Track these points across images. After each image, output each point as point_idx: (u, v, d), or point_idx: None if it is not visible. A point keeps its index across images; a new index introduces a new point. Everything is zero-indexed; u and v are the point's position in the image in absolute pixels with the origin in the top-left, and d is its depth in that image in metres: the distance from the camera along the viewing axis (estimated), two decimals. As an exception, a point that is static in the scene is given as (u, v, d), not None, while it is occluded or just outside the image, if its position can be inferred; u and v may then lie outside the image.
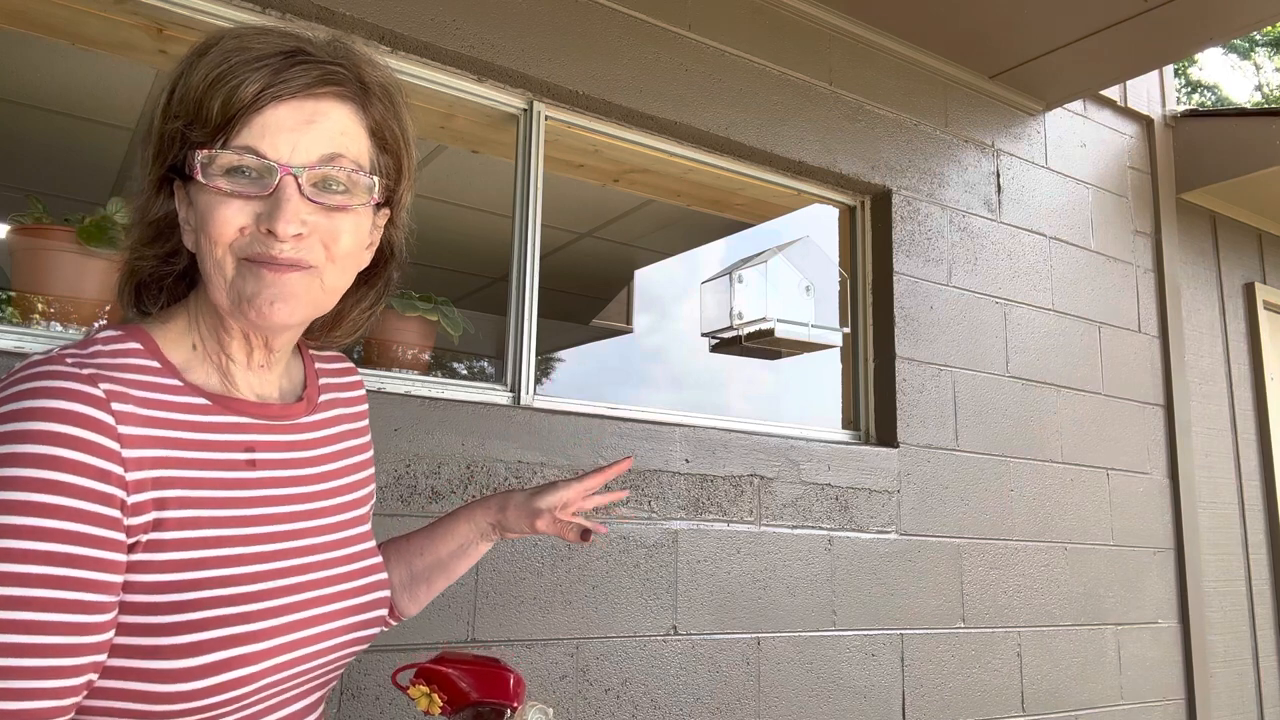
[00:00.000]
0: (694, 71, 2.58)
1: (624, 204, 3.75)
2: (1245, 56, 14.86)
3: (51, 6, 2.04)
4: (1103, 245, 3.54)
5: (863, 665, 2.60)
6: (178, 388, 0.81)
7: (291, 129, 0.79)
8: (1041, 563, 3.07)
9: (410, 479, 1.98)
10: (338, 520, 0.93)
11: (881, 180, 2.94)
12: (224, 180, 0.78)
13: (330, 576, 0.89)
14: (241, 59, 0.79)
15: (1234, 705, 3.62)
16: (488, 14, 2.25)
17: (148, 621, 0.74)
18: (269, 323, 0.81)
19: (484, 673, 1.01)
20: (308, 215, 0.80)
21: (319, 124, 0.81)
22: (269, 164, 0.78)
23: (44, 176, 3.73)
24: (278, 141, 0.79)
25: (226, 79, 0.78)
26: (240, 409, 0.86)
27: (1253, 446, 3.98)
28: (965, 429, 2.96)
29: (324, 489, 0.92)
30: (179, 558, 0.76)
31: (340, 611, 0.89)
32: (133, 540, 0.74)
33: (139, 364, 0.79)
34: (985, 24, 2.97)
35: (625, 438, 2.29)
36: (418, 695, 1.01)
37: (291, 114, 0.79)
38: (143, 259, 0.87)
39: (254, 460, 0.85)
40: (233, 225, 0.79)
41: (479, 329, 2.61)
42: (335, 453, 0.96)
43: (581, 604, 2.17)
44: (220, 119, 0.78)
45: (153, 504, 0.75)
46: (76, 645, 0.70)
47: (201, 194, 0.80)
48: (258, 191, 0.79)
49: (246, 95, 0.77)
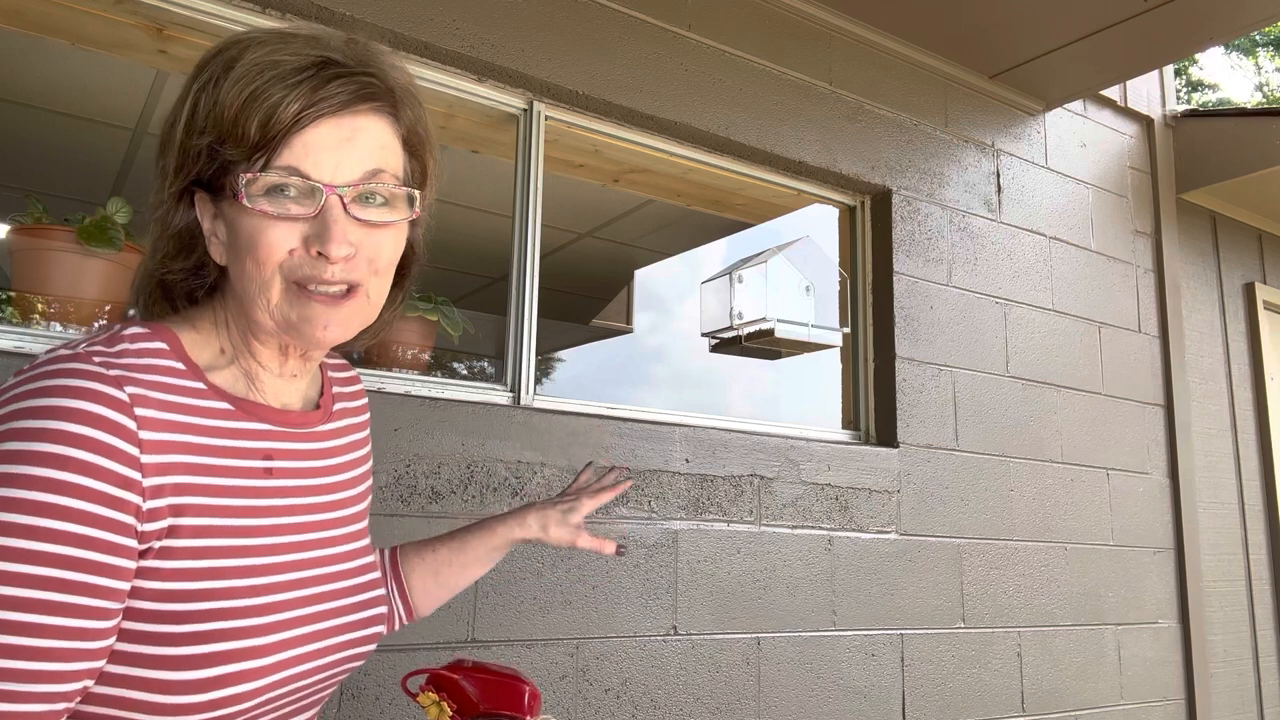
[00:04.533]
0: (694, 71, 2.58)
1: (624, 204, 3.75)
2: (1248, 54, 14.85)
3: (51, 6, 2.04)
4: (1103, 245, 3.54)
5: (863, 665, 2.60)
6: (202, 391, 0.80)
7: (334, 148, 0.78)
8: (1041, 563, 3.07)
9: (410, 479, 1.98)
10: (343, 533, 0.92)
11: (881, 180, 2.94)
12: (267, 202, 0.77)
13: (333, 591, 0.88)
14: (275, 74, 0.77)
15: (1234, 705, 3.62)
16: (488, 14, 2.25)
17: (153, 630, 0.73)
18: (322, 344, 0.83)
19: (498, 683, 0.97)
20: (353, 234, 0.79)
21: (359, 141, 0.80)
22: (313, 185, 0.77)
23: (44, 176, 3.73)
24: (320, 161, 0.78)
25: (262, 96, 0.76)
26: (262, 415, 0.85)
27: (1253, 446, 3.98)
28: (965, 429, 2.96)
29: (333, 500, 0.92)
30: (191, 566, 0.75)
31: (341, 627, 0.88)
32: (145, 547, 0.72)
33: (165, 365, 0.78)
34: (985, 24, 2.97)
35: (625, 438, 2.29)
36: (427, 703, 0.97)
37: (333, 132, 0.78)
38: (171, 273, 0.86)
39: (272, 469, 0.84)
40: (282, 249, 0.78)
41: (479, 329, 2.61)
42: (344, 463, 0.95)
43: (581, 604, 2.17)
44: (259, 139, 0.76)
45: (169, 510, 0.74)
46: (75, 650, 0.68)
47: (244, 215, 0.78)
48: (302, 213, 0.78)
49: (287, 116, 0.76)
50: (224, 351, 0.84)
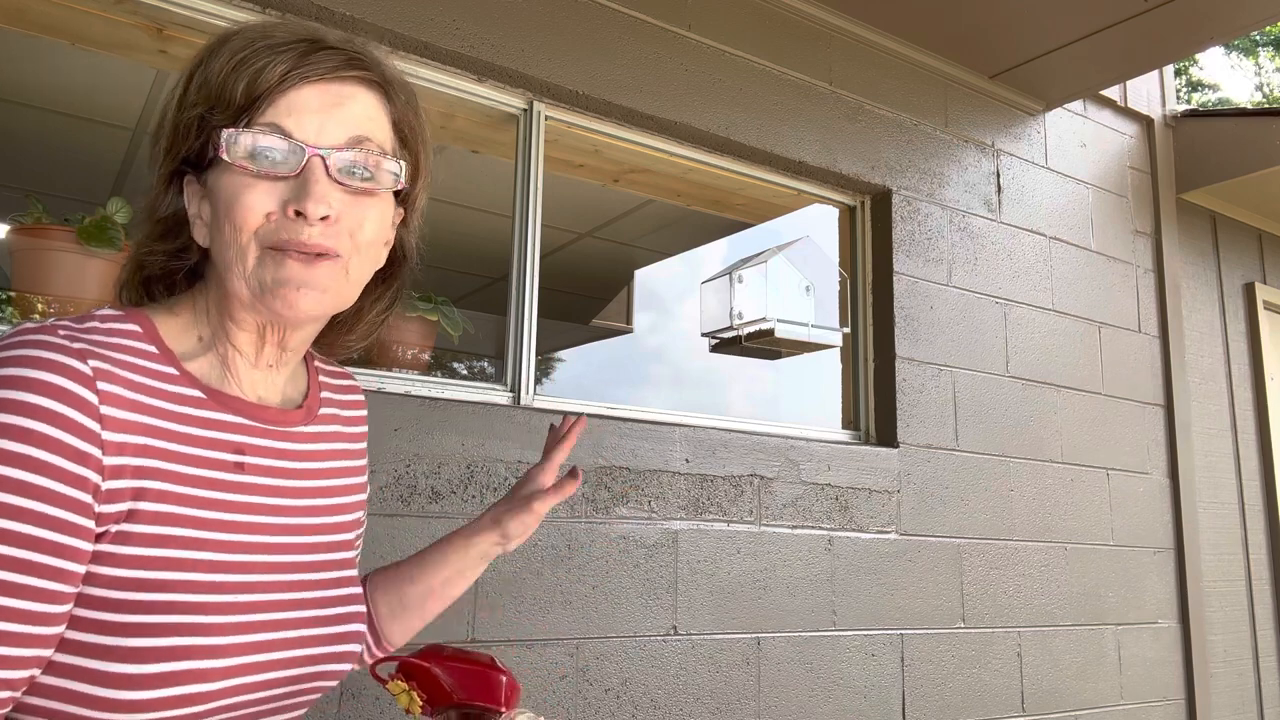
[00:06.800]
0: (694, 71, 2.58)
1: (624, 204, 3.75)
2: (1248, 54, 14.84)
3: (51, 6, 2.04)
4: (1103, 245, 3.54)
5: (863, 665, 2.60)
6: (173, 377, 0.78)
7: (318, 110, 0.78)
8: (1041, 563, 3.07)
9: (410, 479, 1.98)
10: (321, 541, 0.88)
11: (881, 180, 2.94)
12: (248, 160, 0.76)
13: (305, 600, 0.83)
14: (266, 44, 0.77)
15: (1234, 705, 3.62)
16: (488, 14, 2.25)
17: (103, 618, 0.70)
18: (295, 311, 0.78)
19: (472, 673, 0.90)
20: (335, 198, 0.77)
21: (346, 106, 0.79)
22: (296, 144, 0.76)
23: (44, 176, 3.73)
24: (304, 121, 0.77)
25: (251, 61, 0.76)
26: (236, 407, 0.82)
27: (1253, 446, 3.98)
28: (965, 429, 2.96)
29: (311, 505, 0.87)
30: (147, 554, 0.72)
31: (310, 639, 0.83)
32: (102, 529, 0.70)
33: (135, 346, 0.76)
34: (985, 24, 2.97)
35: (625, 437, 2.29)
36: (397, 691, 0.90)
37: (318, 95, 0.78)
38: (152, 254, 0.85)
39: (243, 464, 0.81)
40: (259, 210, 0.76)
41: (479, 329, 2.61)
42: (327, 470, 0.91)
43: (581, 604, 2.17)
44: (244, 100, 0.76)
45: (130, 493, 0.71)
46: (25, 635, 0.65)
47: (224, 177, 0.77)
48: (284, 173, 0.76)
49: (273, 76, 0.76)
50: (201, 339, 0.82)
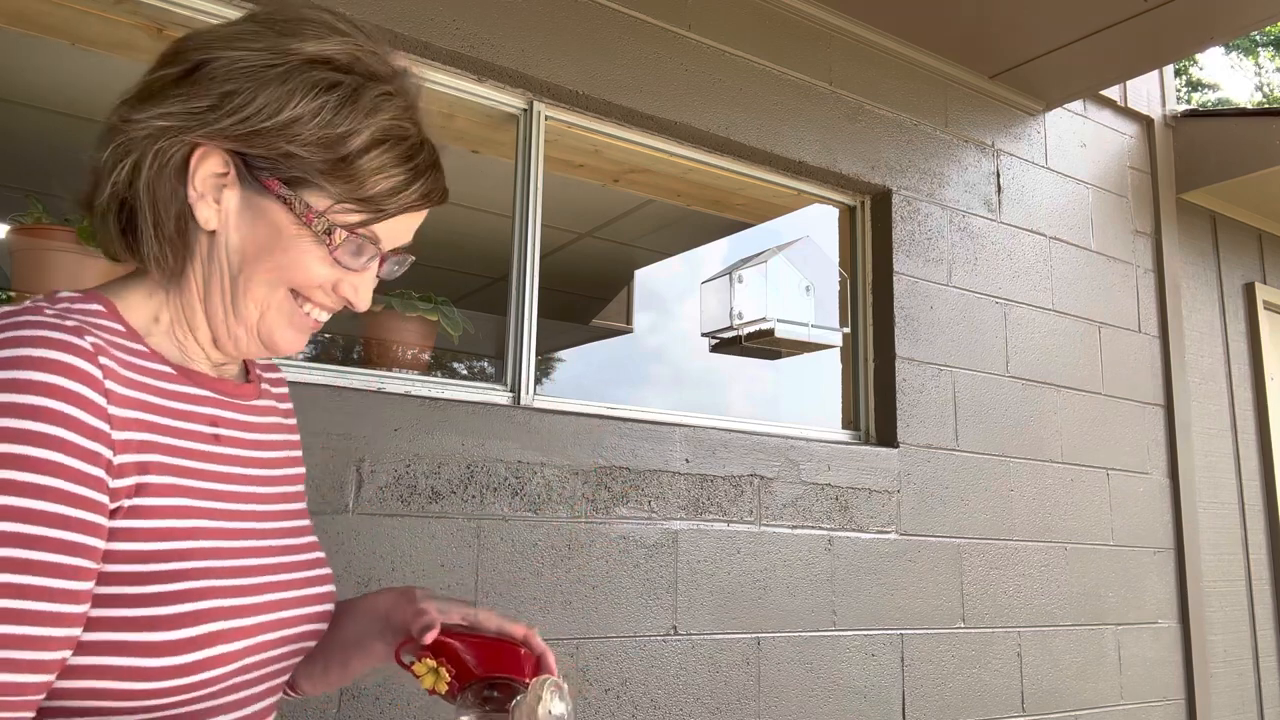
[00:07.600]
0: (694, 71, 2.58)
1: (624, 204, 3.75)
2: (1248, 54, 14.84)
3: (51, 6, 2.04)
4: (1103, 245, 3.54)
5: (863, 665, 2.60)
6: (144, 353, 0.78)
7: (409, 230, 0.88)
8: (1041, 563, 3.07)
9: (410, 479, 1.98)
10: (288, 509, 0.92)
11: (881, 180, 2.94)
12: (349, 256, 0.83)
13: (289, 563, 0.87)
14: (401, 150, 0.81)
15: (1234, 705, 3.62)
16: (487, 14, 2.25)
17: (130, 592, 0.70)
18: (275, 353, 0.86)
19: (496, 646, 0.90)
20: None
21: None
22: (377, 250, 0.85)
23: (44, 176, 3.73)
24: (396, 237, 0.87)
25: (395, 168, 0.81)
26: (201, 382, 0.83)
27: (1253, 446, 3.98)
28: (965, 429, 2.96)
29: (273, 475, 0.91)
30: (163, 525, 0.73)
31: (300, 599, 0.87)
32: (115, 505, 0.70)
33: (107, 325, 0.76)
34: (985, 24, 2.97)
35: (625, 437, 2.29)
36: (424, 671, 0.89)
37: (414, 220, 0.88)
38: (110, 196, 0.82)
39: (219, 436, 0.83)
40: (316, 281, 0.83)
41: (479, 329, 2.61)
42: (277, 441, 0.94)
43: (581, 604, 2.17)
44: (373, 211, 0.81)
45: (135, 467, 0.72)
46: (60, 614, 0.65)
47: (301, 238, 0.80)
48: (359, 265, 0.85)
49: (409, 202, 0.83)
50: (158, 320, 0.82)
